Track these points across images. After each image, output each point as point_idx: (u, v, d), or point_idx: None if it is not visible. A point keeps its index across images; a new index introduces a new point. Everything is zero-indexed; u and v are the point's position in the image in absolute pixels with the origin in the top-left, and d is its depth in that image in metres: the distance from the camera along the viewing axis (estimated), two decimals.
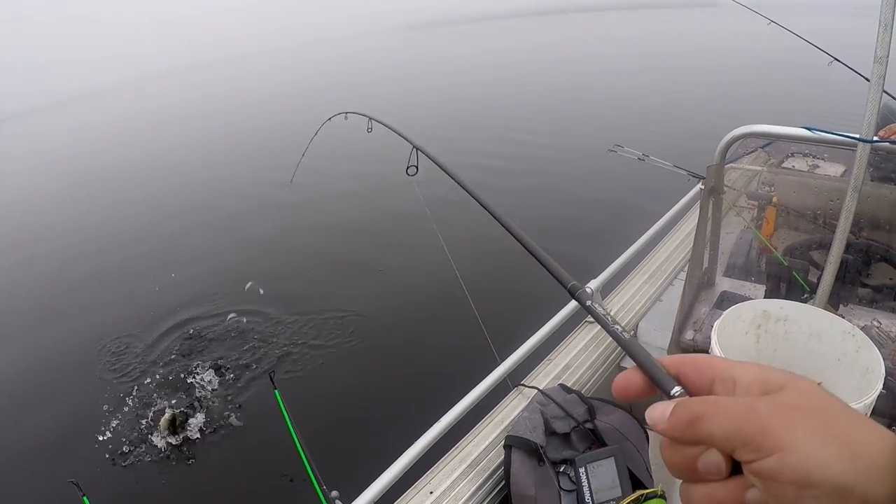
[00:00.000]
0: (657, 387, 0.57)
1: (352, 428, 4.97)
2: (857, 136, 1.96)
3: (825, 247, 2.38)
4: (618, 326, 0.68)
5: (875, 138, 1.96)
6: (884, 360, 2.20)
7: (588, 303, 0.80)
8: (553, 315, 2.88)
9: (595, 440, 1.97)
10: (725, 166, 3.19)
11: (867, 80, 2.01)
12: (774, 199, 2.99)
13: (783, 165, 3.52)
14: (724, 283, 2.83)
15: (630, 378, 0.60)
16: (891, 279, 2.57)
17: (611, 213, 8.35)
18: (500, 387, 2.55)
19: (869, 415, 1.55)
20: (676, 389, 0.54)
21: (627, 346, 0.64)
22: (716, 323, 1.71)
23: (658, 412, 0.52)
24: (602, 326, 0.71)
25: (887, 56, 1.91)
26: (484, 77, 21.10)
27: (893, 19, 1.90)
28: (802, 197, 2.88)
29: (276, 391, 2.28)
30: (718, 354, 1.60)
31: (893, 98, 3.10)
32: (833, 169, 3.15)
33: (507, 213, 1.33)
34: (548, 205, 9.13)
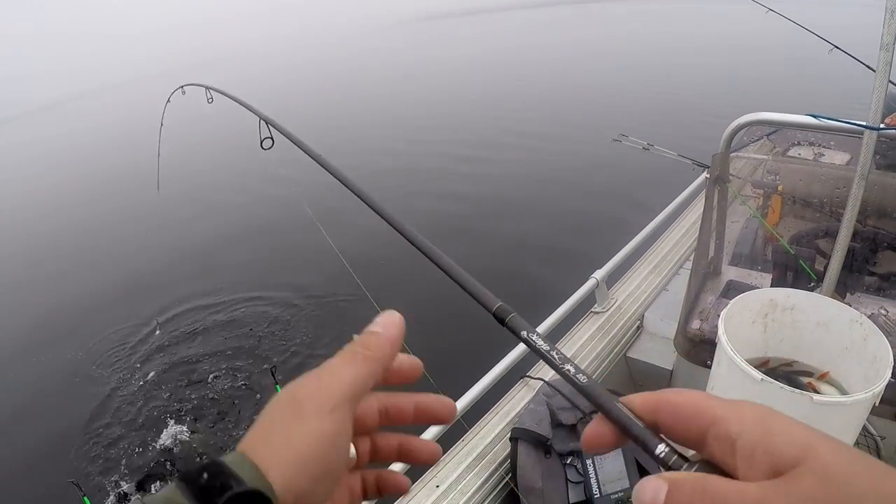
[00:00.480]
0: (637, 444, 0.45)
1: None
2: (864, 123, 1.94)
3: (832, 235, 2.36)
4: (570, 367, 0.51)
5: (882, 125, 1.95)
6: (892, 345, 2.20)
7: (524, 334, 0.58)
8: (560, 304, 2.88)
9: None
10: (730, 155, 3.18)
11: (869, 67, 1.98)
12: (780, 188, 2.97)
13: (788, 154, 3.50)
14: (730, 272, 2.82)
15: (600, 433, 0.47)
16: (891, 269, 2.56)
17: (616, 203, 8.31)
18: (506, 378, 2.54)
19: (878, 403, 1.54)
20: (661, 449, 0.44)
21: (586, 391, 0.50)
22: (722, 312, 1.71)
23: (649, 495, 0.41)
24: (550, 365, 0.53)
25: (893, 43, 1.89)
26: (482, 74, 20.96)
27: None
28: (808, 185, 2.87)
29: (277, 386, 2.27)
30: (725, 344, 1.59)
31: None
32: (839, 157, 3.13)
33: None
34: (553, 196, 9.09)
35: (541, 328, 2.74)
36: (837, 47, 3.59)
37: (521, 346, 2.63)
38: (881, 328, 2.29)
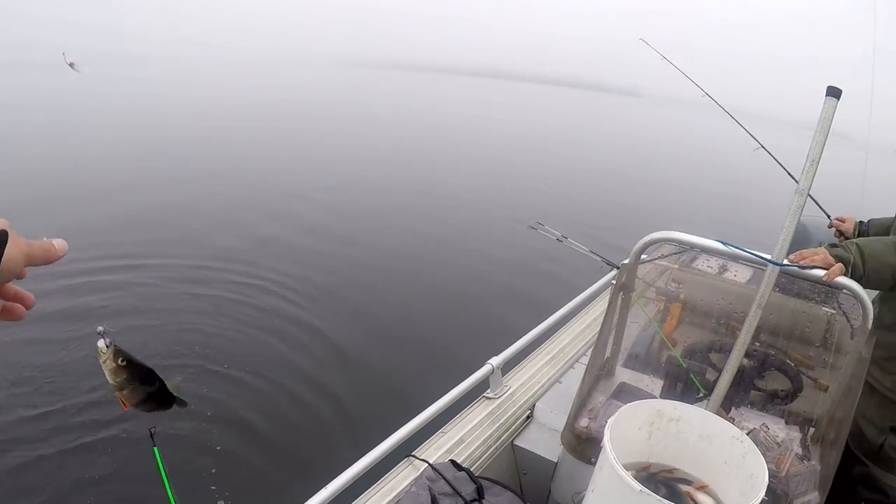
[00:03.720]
0: None
1: (236, 491, 4.73)
2: (769, 257, 2.04)
3: (725, 351, 2.44)
4: None
5: (785, 261, 2.05)
6: (768, 463, 2.27)
7: None
8: (454, 386, 2.86)
9: None
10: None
11: (790, 174, 2.09)
12: (682, 297, 3.07)
13: (694, 265, 3.62)
14: (623, 374, 2.86)
15: None
16: (782, 389, 2.67)
17: (524, 290, 8.45)
18: (391, 455, 2.48)
19: None
20: None
21: None
22: (610, 420, 1.73)
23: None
24: None
25: (808, 189, 2.01)
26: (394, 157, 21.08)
27: (820, 157, 2.00)
28: (708, 298, 2.97)
29: (155, 449, 2.14)
30: (609, 452, 1.60)
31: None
32: (742, 273, 3.25)
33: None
34: (464, 279, 9.18)
35: (432, 409, 2.71)
36: (763, 146, 3.79)
37: (411, 425, 2.59)
38: (761, 443, 2.38)
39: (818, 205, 3.28)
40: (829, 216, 3.31)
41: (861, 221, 3.02)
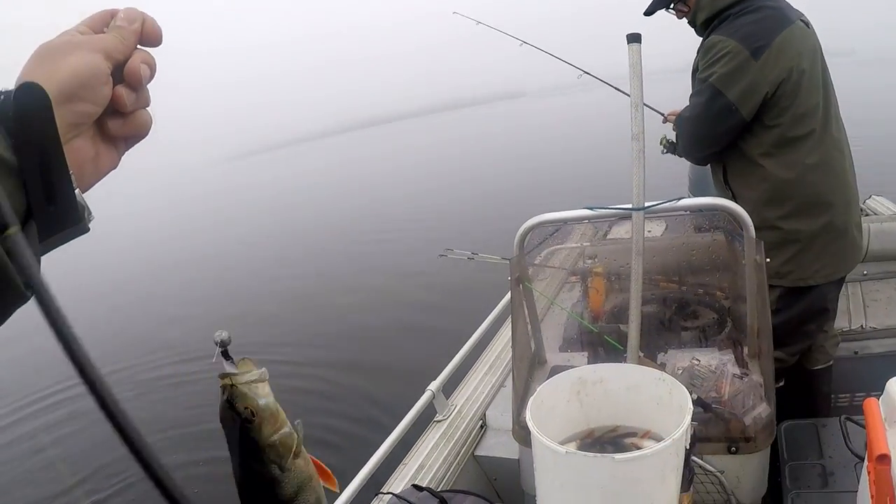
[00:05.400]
0: None
1: None
2: (629, 206, 2.18)
3: (646, 303, 2.55)
4: None
5: (646, 205, 2.20)
6: (710, 390, 2.40)
7: None
8: (399, 421, 2.91)
9: None
10: (552, 248, 3.42)
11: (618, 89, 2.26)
12: (598, 269, 3.20)
13: (609, 236, 3.76)
14: (555, 359, 2.96)
15: None
16: (705, 321, 2.83)
17: (446, 313, 8.48)
18: (358, 498, 2.52)
19: (687, 442, 1.68)
20: None
21: None
22: (530, 400, 1.82)
23: None
24: None
25: (643, 132, 2.17)
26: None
27: (642, 99, 2.18)
28: (623, 260, 3.10)
29: None
30: (531, 426, 1.69)
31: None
32: (657, 228, 3.37)
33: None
34: (389, 319, 9.22)
35: (383, 447, 2.76)
36: (587, 73, 3.95)
37: (368, 466, 2.62)
38: (696, 377, 2.51)
39: (653, 109, 3.33)
40: (662, 113, 3.46)
41: None
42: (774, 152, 2.72)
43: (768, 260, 2.35)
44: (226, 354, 0.77)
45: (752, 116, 2.67)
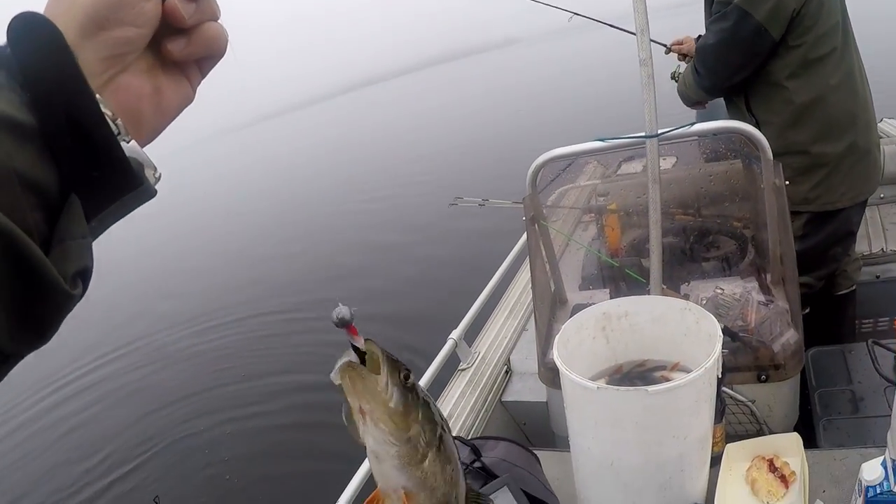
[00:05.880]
0: None
1: None
2: (643, 133, 2.12)
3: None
4: None
5: (659, 132, 2.13)
6: (736, 318, 2.36)
7: None
8: (423, 372, 2.89)
9: (487, 476, 1.97)
10: (563, 189, 3.35)
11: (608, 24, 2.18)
12: (612, 206, 3.15)
13: (619, 172, 3.70)
14: (576, 298, 2.93)
15: None
16: (727, 250, 2.78)
17: (463, 263, 8.46)
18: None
19: (719, 371, 1.65)
20: None
21: None
22: (556, 338, 1.78)
23: None
24: None
25: (650, 57, 2.10)
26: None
27: (647, 24, 2.10)
28: (637, 195, 3.04)
29: None
30: (560, 364, 1.65)
31: None
32: (667, 161, 3.30)
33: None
34: (407, 274, 9.20)
35: None
36: (577, 13, 3.83)
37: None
38: (721, 306, 2.48)
39: (656, 41, 3.23)
40: (665, 45, 3.30)
41: (700, 35, 2.98)
42: (800, 73, 2.62)
43: (789, 184, 2.30)
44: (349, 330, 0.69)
45: (780, 36, 2.57)
